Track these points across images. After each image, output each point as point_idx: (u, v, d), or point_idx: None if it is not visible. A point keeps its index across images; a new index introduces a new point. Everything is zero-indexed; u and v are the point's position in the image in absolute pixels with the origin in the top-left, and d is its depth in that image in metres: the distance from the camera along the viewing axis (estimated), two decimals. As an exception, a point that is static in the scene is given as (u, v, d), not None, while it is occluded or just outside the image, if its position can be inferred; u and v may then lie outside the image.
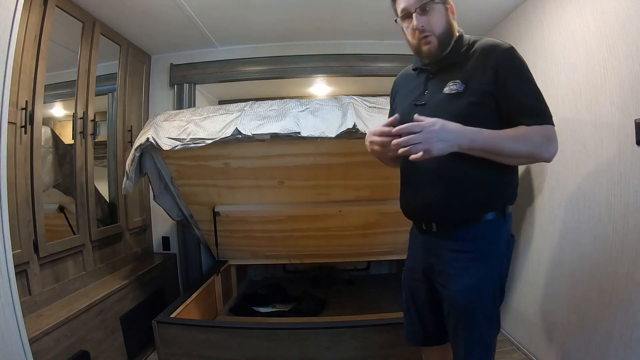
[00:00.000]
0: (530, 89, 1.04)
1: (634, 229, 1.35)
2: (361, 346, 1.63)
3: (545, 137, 1.00)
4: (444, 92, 1.08)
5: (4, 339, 1.13)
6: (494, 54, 1.05)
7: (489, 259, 1.07)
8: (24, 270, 1.57)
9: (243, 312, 2.47)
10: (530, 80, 1.05)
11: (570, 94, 1.69)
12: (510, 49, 1.06)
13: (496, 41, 1.08)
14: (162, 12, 2.13)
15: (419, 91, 1.16)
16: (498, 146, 0.99)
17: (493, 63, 1.04)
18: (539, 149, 1.01)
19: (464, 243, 1.08)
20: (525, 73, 1.05)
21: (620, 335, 1.38)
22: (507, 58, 1.04)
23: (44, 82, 1.69)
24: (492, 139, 0.99)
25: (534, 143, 1.00)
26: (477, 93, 1.04)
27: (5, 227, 1.18)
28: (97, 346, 1.73)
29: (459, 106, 1.04)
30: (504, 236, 1.10)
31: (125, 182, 1.87)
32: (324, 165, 1.99)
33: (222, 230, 2.38)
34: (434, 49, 1.09)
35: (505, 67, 1.03)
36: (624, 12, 1.37)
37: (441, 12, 1.08)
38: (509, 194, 1.12)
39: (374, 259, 2.83)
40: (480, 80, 1.04)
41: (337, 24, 2.44)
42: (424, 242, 1.18)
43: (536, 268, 1.97)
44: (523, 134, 1.00)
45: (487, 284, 1.07)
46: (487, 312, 1.08)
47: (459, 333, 1.09)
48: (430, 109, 1.08)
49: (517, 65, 1.05)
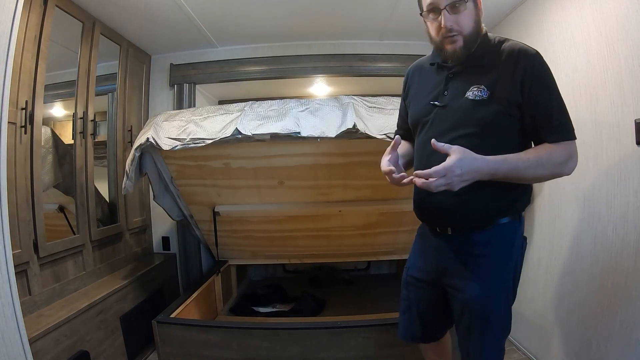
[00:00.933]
0: (556, 102, 0.99)
1: (634, 229, 1.35)
2: (361, 346, 1.63)
3: (567, 154, 0.98)
4: (467, 97, 1.02)
5: (4, 339, 1.13)
6: (524, 61, 0.99)
7: (504, 262, 1.06)
8: (24, 270, 1.57)
9: (243, 312, 2.47)
10: (556, 91, 1.00)
11: (570, 94, 1.69)
12: (537, 55, 1.01)
13: (524, 46, 1.03)
14: (162, 12, 2.13)
15: (438, 90, 1.10)
16: (521, 174, 0.97)
17: (521, 71, 0.98)
18: (560, 169, 0.98)
19: (480, 247, 1.06)
20: (553, 85, 1.00)
21: (620, 335, 1.38)
22: (536, 67, 1.00)
23: (44, 82, 1.68)
24: (515, 169, 0.95)
25: (556, 164, 0.97)
26: (504, 102, 0.99)
27: (5, 227, 1.18)
28: (97, 346, 1.73)
29: (483, 114, 1.00)
30: (518, 239, 1.10)
31: (125, 182, 1.87)
32: (324, 165, 1.99)
33: (222, 230, 2.38)
34: (459, 50, 1.02)
35: (535, 78, 0.99)
36: (624, 12, 1.37)
37: (471, 10, 1.01)
38: (525, 199, 1.10)
39: (374, 259, 2.83)
40: (507, 88, 0.99)
41: (337, 23, 2.45)
42: (438, 244, 1.15)
43: (536, 268, 1.97)
44: (545, 157, 0.97)
45: (503, 288, 1.06)
46: (501, 316, 1.07)
47: (472, 337, 1.08)
48: (451, 112, 1.05)
49: (545, 76, 1.00)
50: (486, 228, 1.05)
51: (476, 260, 1.06)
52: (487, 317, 1.05)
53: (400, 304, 1.30)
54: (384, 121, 1.65)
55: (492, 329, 1.06)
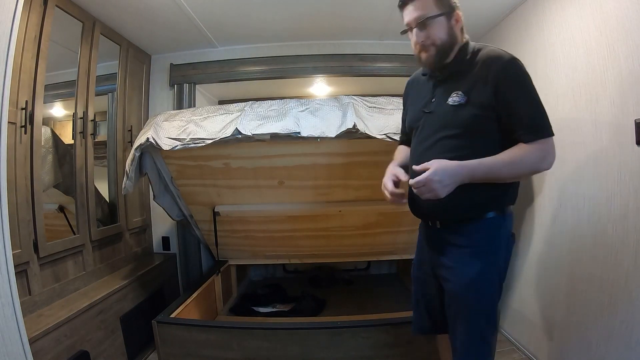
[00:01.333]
0: (529, 103, 1.06)
1: (634, 229, 1.35)
2: (361, 346, 1.63)
3: (542, 152, 1.05)
4: (448, 103, 1.13)
5: (4, 339, 1.13)
6: (496, 65, 1.07)
7: (488, 254, 1.12)
8: (24, 270, 1.57)
9: (243, 312, 2.47)
10: (529, 93, 1.06)
11: (570, 94, 1.69)
12: (512, 60, 1.07)
13: (499, 52, 1.10)
14: (162, 12, 2.13)
15: (427, 98, 1.22)
16: (497, 174, 1.06)
17: (494, 75, 1.06)
18: (537, 166, 1.06)
19: (465, 239, 1.14)
20: (525, 86, 1.07)
21: (620, 335, 1.38)
22: (508, 70, 1.06)
23: (44, 82, 1.68)
24: (491, 170, 1.05)
25: (531, 162, 1.05)
26: (479, 105, 1.08)
27: (5, 227, 1.18)
28: (97, 346, 1.73)
29: (462, 118, 1.10)
30: (503, 234, 1.15)
31: (125, 182, 1.87)
32: (324, 165, 1.99)
33: (222, 230, 2.38)
34: (431, 58, 1.14)
35: (506, 80, 1.06)
36: (624, 12, 1.37)
37: (442, 24, 1.12)
38: (510, 195, 1.16)
39: (374, 259, 2.83)
40: (481, 92, 1.07)
41: (337, 23, 2.45)
42: (430, 237, 1.26)
43: (536, 268, 1.97)
44: (520, 156, 1.04)
45: (486, 279, 1.12)
46: (484, 307, 1.13)
47: (457, 326, 1.15)
48: (437, 117, 1.16)
49: (517, 78, 1.07)
50: (471, 222, 1.13)
51: (461, 251, 1.14)
52: (471, 306, 1.12)
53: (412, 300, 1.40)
54: (384, 121, 1.65)
55: (476, 319, 1.12)
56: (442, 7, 1.11)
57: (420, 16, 1.11)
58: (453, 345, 1.19)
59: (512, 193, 1.17)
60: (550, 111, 1.82)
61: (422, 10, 1.11)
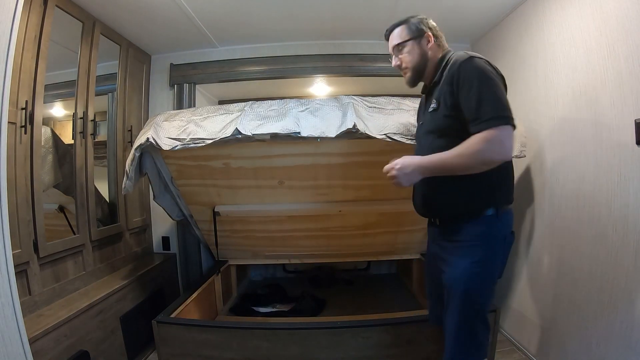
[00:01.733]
0: (477, 94, 1.10)
1: (634, 229, 1.35)
2: (361, 346, 1.63)
3: (490, 142, 1.06)
4: (428, 111, 1.29)
5: (4, 339, 1.13)
6: (454, 67, 1.17)
7: (480, 249, 1.18)
8: (24, 270, 1.57)
9: (243, 312, 2.47)
10: (478, 86, 1.10)
11: (570, 94, 1.69)
12: (467, 59, 1.15)
13: (460, 54, 1.19)
14: (162, 12, 2.13)
15: (421, 110, 1.41)
16: (448, 166, 1.13)
17: (450, 77, 1.17)
18: (485, 155, 1.08)
19: (459, 234, 1.22)
20: (475, 79, 1.11)
21: (620, 335, 1.39)
22: (461, 68, 1.14)
23: (44, 82, 1.69)
24: (441, 162, 1.14)
25: (477, 152, 1.08)
26: (445, 107, 1.19)
27: (5, 227, 1.18)
28: (97, 346, 1.73)
29: (436, 121, 1.23)
30: (497, 232, 1.21)
31: (125, 182, 1.87)
32: (324, 165, 1.99)
33: (222, 230, 2.38)
34: (408, 79, 1.33)
35: (457, 79, 1.15)
36: (624, 12, 1.37)
37: (413, 48, 1.29)
38: (501, 194, 1.22)
39: (374, 259, 2.83)
40: (446, 95, 1.19)
41: (337, 24, 2.44)
42: (433, 233, 1.37)
43: (536, 268, 1.98)
44: (465, 147, 1.10)
45: (476, 273, 1.17)
46: (473, 300, 1.18)
47: (447, 314, 1.23)
48: (425, 125, 1.31)
49: (469, 74, 1.13)
50: (465, 219, 1.21)
51: (454, 245, 1.23)
52: (460, 298, 1.18)
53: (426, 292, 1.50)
54: (384, 121, 1.65)
55: (465, 311, 1.18)
56: (411, 33, 1.29)
57: (395, 44, 1.32)
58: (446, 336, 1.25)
59: (505, 192, 1.23)
60: (550, 111, 1.84)
61: (397, 39, 1.31)
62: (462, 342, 1.20)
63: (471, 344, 1.20)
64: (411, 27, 1.30)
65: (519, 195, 1.21)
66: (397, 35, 1.32)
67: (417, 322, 1.67)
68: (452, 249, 1.23)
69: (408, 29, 1.30)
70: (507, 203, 1.24)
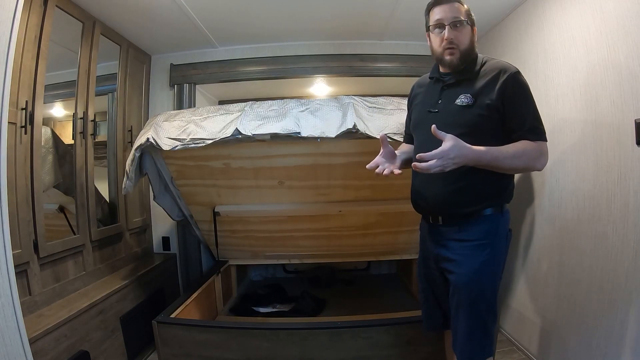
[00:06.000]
0: (532, 109, 1.18)
1: (634, 229, 1.35)
2: (361, 346, 1.63)
3: (539, 152, 1.16)
4: (456, 103, 1.22)
5: (4, 339, 1.13)
6: (503, 76, 1.17)
7: (488, 247, 1.20)
8: (24, 270, 1.57)
9: (243, 312, 2.47)
10: (532, 102, 1.19)
11: (570, 94, 1.69)
12: (518, 72, 1.19)
13: (505, 64, 1.21)
14: (162, 12, 2.13)
15: (434, 99, 1.30)
16: (500, 163, 1.13)
17: (502, 84, 1.17)
18: (533, 163, 1.17)
19: (467, 234, 1.21)
20: (528, 95, 1.19)
21: (620, 335, 1.38)
22: (514, 81, 1.17)
23: (44, 82, 1.69)
24: (496, 158, 1.12)
25: (530, 158, 1.15)
26: (485, 107, 1.17)
27: (5, 227, 1.18)
28: (97, 346, 1.73)
29: (468, 117, 1.19)
30: (501, 230, 1.24)
31: (125, 182, 1.87)
32: (324, 165, 1.99)
33: (222, 230, 2.38)
34: (456, 60, 1.23)
35: (512, 88, 1.17)
36: (624, 12, 1.37)
37: (468, 31, 1.24)
38: (506, 194, 1.26)
39: (374, 259, 2.83)
40: (488, 96, 1.18)
41: (337, 23, 2.45)
42: (433, 234, 1.32)
43: (536, 268, 1.97)
44: (521, 150, 1.14)
45: (489, 270, 1.19)
46: (487, 295, 1.19)
47: (459, 315, 1.21)
48: (443, 116, 1.23)
49: (522, 87, 1.18)
50: (471, 218, 1.21)
51: (464, 245, 1.21)
52: (475, 295, 1.18)
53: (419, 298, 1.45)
54: (384, 121, 1.65)
55: (479, 309, 1.18)
56: (469, 18, 1.24)
57: (456, 17, 1.20)
58: (454, 336, 1.23)
59: (509, 192, 1.27)
60: (550, 111, 1.84)
61: (457, 13, 1.21)
62: (478, 340, 1.19)
63: (485, 340, 1.21)
64: (469, 12, 1.25)
65: (518, 195, 1.22)
66: (459, 11, 1.22)
67: (417, 322, 1.67)
68: (461, 249, 1.22)
69: (467, 13, 1.24)
70: (509, 201, 1.28)
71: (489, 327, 1.21)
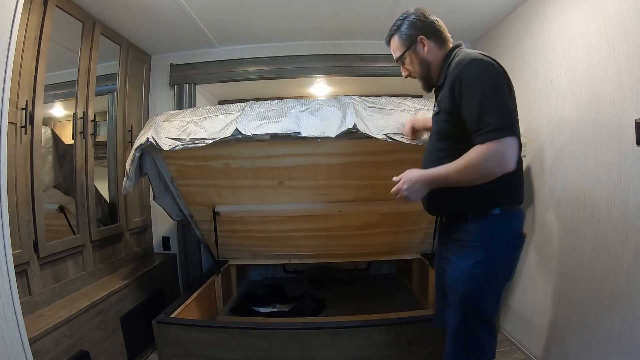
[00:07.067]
0: (480, 103, 1.04)
1: (634, 229, 1.35)
2: (361, 346, 1.63)
3: (487, 157, 1.03)
4: (432, 113, 1.28)
5: (4, 339, 1.13)
6: (456, 70, 1.11)
7: (481, 249, 1.15)
8: (24, 270, 1.57)
9: (243, 312, 2.47)
10: (482, 93, 1.04)
11: (570, 94, 1.69)
12: (471, 61, 1.08)
13: (464, 55, 1.13)
14: (162, 12, 2.13)
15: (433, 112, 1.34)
16: (451, 180, 1.11)
17: (452, 81, 1.12)
18: (484, 170, 1.05)
19: (463, 233, 1.20)
20: (478, 85, 1.05)
21: (620, 335, 1.38)
22: (463, 72, 1.09)
23: (44, 82, 1.69)
24: (444, 177, 1.12)
25: (476, 167, 1.05)
26: (445, 112, 1.17)
27: (5, 227, 1.18)
28: (97, 346, 1.73)
29: (439, 124, 1.22)
30: (503, 232, 1.16)
31: (125, 182, 1.87)
32: (324, 165, 1.99)
33: (222, 230, 2.38)
34: (423, 86, 1.32)
35: (459, 84, 1.09)
36: (624, 12, 1.37)
37: (411, 58, 1.27)
38: (506, 194, 1.17)
39: (374, 259, 2.83)
40: (446, 99, 1.15)
41: (337, 23, 2.44)
42: (441, 232, 1.37)
43: (536, 268, 1.97)
44: (465, 161, 1.07)
45: (476, 274, 1.14)
46: (473, 300, 1.15)
47: (450, 314, 1.21)
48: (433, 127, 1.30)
49: (471, 78, 1.07)
50: (470, 218, 1.18)
51: (456, 244, 1.21)
52: (460, 298, 1.16)
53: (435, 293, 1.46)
54: (384, 121, 1.65)
55: (465, 311, 1.15)
56: (403, 44, 1.26)
57: (397, 55, 1.30)
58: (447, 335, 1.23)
59: (511, 192, 1.17)
60: (550, 111, 1.84)
61: (395, 52, 1.31)
62: (461, 342, 1.17)
63: (471, 345, 1.16)
64: (402, 36, 1.26)
65: (519, 195, 1.20)
66: (394, 48, 1.31)
67: (417, 323, 1.68)
68: (455, 248, 1.22)
69: (400, 40, 1.27)
70: (514, 203, 1.19)
71: (477, 333, 1.15)
